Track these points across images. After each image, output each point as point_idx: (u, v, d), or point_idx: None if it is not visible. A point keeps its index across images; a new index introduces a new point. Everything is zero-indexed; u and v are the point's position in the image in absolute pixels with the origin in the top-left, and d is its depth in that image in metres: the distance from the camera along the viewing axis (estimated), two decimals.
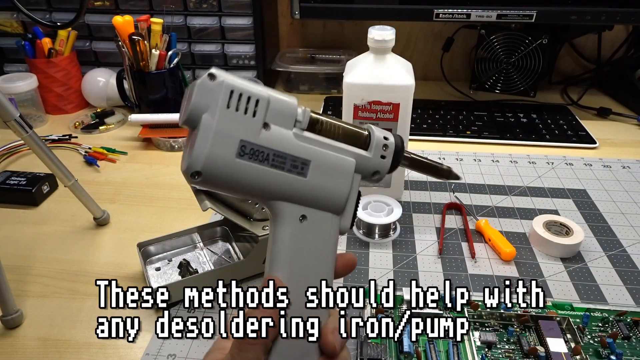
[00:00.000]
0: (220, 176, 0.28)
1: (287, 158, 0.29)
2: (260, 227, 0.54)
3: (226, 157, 0.27)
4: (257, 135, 0.28)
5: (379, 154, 0.32)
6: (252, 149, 0.28)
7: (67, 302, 0.54)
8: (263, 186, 0.29)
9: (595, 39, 1.04)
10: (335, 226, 0.32)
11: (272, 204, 0.30)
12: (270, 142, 0.28)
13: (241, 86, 0.28)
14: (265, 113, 0.28)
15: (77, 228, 0.66)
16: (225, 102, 0.27)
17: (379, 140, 0.32)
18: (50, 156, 0.57)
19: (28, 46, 0.93)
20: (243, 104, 0.28)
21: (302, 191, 0.30)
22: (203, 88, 0.27)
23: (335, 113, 0.96)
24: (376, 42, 0.60)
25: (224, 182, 0.28)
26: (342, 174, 0.31)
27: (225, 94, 0.27)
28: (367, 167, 0.32)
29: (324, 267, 0.32)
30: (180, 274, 0.56)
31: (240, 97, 0.28)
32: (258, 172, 0.28)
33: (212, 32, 0.98)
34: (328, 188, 0.30)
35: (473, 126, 0.90)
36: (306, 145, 0.29)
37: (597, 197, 0.70)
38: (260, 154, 0.28)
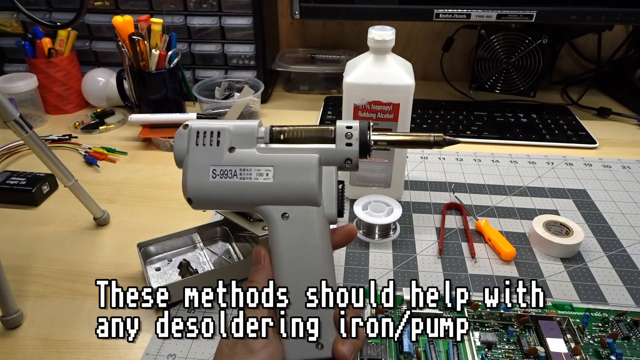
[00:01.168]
0: (206, 197, 0.35)
1: (252, 169, 0.34)
2: (260, 227, 0.54)
3: (203, 181, 0.35)
4: (222, 158, 0.35)
5: (344, 143, 0.35)
6: (221, 169, 0.35)
7: (67, 302, 0.54)
8: (241, 196, 0.34)
9: (595, 39, 1.04)
10: (320, 217, 0.35)
11: (258, 210, 0.35)
12: (234, 160, 0.35)
13: (205, 126, 0.35)
14: (229, 140, 0.35)
15: (77, 228, 0.66)
16: (194, 141, 0.35)
17: (342, 130, 0.35)
18: (50, 156, 0.57)
19: (28, 46, 0.93)
20: (208, 139, 0.35)
21: (273, 192, 0.34)
22: (179, 135, 0.36)
23: (335, 113, 0.96)
24: (376, 42, 0.60)
25: (211, 201, 0.35)
26: (305, 170, 0.34)
27: (193, 135, 0.35)
28: (335, 157, 0.35)
29: (319, 254, 0.34)
30: (180, 274, 0.56)
31: (205, 134, 0.35)
32: (232, 185, 0.34)
33: (212, 32, 0.98)
34: (295, 184, 0.34)
35: (473, 126, 0.90)
36: (268, 154, 0.35)
37: (597, 197, 0.70)
38: (229, 171, 0.34)
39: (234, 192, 0.34)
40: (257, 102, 0.93)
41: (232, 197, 0.34)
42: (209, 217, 0.66)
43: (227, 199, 0.35)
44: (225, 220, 0.58)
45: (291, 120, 0.95)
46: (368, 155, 0.36)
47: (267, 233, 0.53)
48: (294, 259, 0.34)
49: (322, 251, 0.34)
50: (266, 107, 1.02)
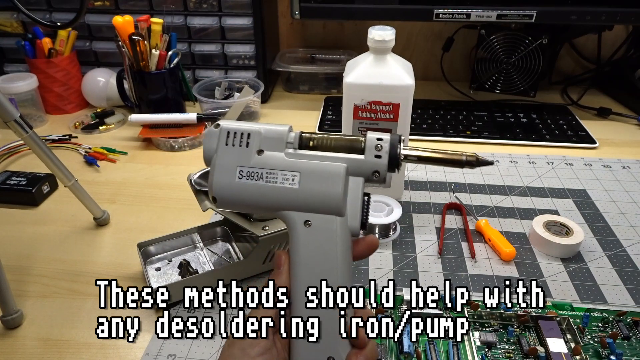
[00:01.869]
0: (230, 197, 0.35)
1: (278, 173, 0.34)
2: (260, 227, 0.54)
3: (229, 181, 0.35)
4: (250, 160, 0.35)
5: (373, 154, 0.34)
6: (247, 171, 0.34)
7: (67, 302, 0.54)
8: (265, 199, 0.34)
9: (595, 39, 1.04)
10: (343, 228, 0.34)
11: (280, 214, 0.35)
12: (261, 163, 0.34)
13: (236, 127, 0.35)
14: (258, 142, 0.35)
15: (77, 228, 0.66)
16: (224, 141, 0.35)
17: (372, 142, 0.35)
18: (50, 156, 0.57)
19: (28, 46, 0.93)
20: (238, 140, 0.35)
21: (297, 198, 0.34)
22: (209, 134, 0.36)
23: (335, 113, 0.96)
24: (376, 42, 0.60)
25: (235, 201, 0.35)
26: (331, 178, 0.34)
27: (224, 135, 0.35)
28: (363, 169, 0.34)
29: (338, 265, 0.34)
30: (180, 274, 0.56)
31: (235, 135, 0.35)
32: (257, 188, 0.34)
33: (212, 32, 0.98)
34: (320, 192, 0.34)
35: (473, 126, 0.90)
36: (296, 160, 0.34)
37: (597, 197, 0.70)
38: (255, 173, 0.34)
39: (258, 194, 0.34)
40: (257, 102, 0.93)
41: (256, 199, 0.34)
42: (209, 217, 0.66)
43: (251, 200, 0.35)
44: (225, 220, 0.58)
45: (291, 120, 0.95)
46: (397, 170, 0.35)
47: (268, 232, 0.53)
48: (312, 267, 0.34)
49: (342, 262, 0.34)
50: (266, 107, 1.02)
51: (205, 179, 0.55)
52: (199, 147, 0.86)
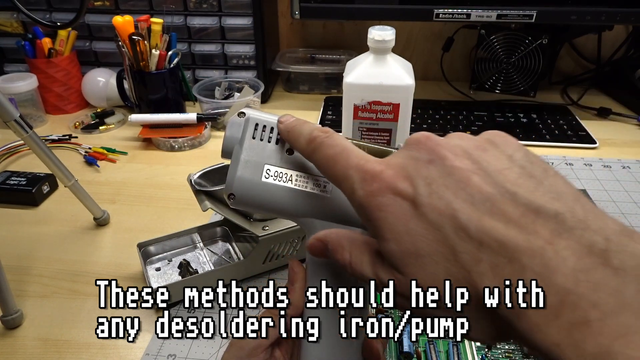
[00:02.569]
0: (252, 196, 0.31)
1: (310, 178, 0.31)
2: (260, 227, 0.54)
3: (253, 180, 0.31)
4: (280, 159, 0.32)
5: None
6: (276, 171, 0.31)
7: (67, 302, 0.54)
8: (290, 203, 0.31)
9: (595, 39, 1.04)
10: None
11: (302, 221, 0.32)
12: (292, 164, 0.32)
13: (265, 119, 0.32)
14: None
15: (77, 228, 0.66)
16: (251, 133, 0.32)
17: None
18: (50, 156, 0.57)
19: (28, 46, 0.93)
20: (267, 134, 0.32)
21: (326, 207, 0.31)
22: (233, 123, 0.32)
23: (335, 113, 0.96)
24: (376, 42, 0.60)
25: (255, 202, 0.32)
26: None
27: (251, 127, 0.32)
28: None
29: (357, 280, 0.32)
30: (180, 274, 0.56)
31: (265, 129, 0.32)
32: (283, 191, 0.31)
33: (212, 32, 0.98)
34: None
35: (473, 126, 0.90)
36: None
37: (597, 197, 0.70)
38: (284, 175, 0.31)
39: (284, 198, 0.31)
40: (257, 102, 0.93)
41: (280, 202, 0.31)
42: (209, 217, 0.66)
43: (274, 203, 0.32)
44: (225, 220, 0.58)
45: None
46: None
47: (268, 232, 0.53)
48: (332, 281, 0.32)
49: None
50: (266, 107, 1.02)
51: (206, 179, 0.55)
52: (199, 147, 0.86)
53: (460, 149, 0.24)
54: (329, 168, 0.27)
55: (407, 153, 0.25)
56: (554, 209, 0.20)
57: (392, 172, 0.24)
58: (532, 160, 0.23)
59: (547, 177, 0.22)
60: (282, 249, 0.56)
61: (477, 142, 0.24)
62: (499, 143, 0.24)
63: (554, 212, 0.20)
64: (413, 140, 0.25)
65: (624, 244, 0.19)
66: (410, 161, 0.24)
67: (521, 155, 0.24)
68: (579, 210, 0.20)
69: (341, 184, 0.26)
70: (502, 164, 0.23)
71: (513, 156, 0.23)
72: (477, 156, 0.23)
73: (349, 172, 0.25)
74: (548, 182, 0.22)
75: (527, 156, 0.24)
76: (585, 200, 0.21)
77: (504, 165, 0.23)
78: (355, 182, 0.25)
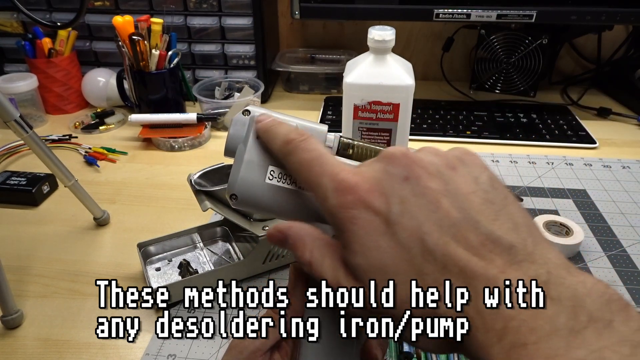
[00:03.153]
0: (254, 197, 0.31)
1: None
2: (260, 227, 0.54)
3: (257, 181, 0.30)
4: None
5: None
6: (280, 173, 0.30)
7: (67, 302, 0.54)
8: (293, 206, 0.31)
9: (595, 39, 1.04)
10: None
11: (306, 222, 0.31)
12: None
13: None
14: None
15: (77, 228, 0.66)
16: (255, 133, 0.31)
17: None
18: (50, 156, 0.57)
19: (28, 46, 0.93)
20: None
21: None
22: (237, 122, 0.31)
23: (335, 113, 0.96)
24: (376, 42, 0.60)
25: (258, 203, 0.31)
26: None
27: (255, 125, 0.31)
28: None
29: None
30: (180, 274, 0.56)
31: None
32: (287, 193, 0.30)
33: (212, 32, 0.98)
34: None
35: (473, 126, 0.90)
36: None
37: (597, 197, 0.70)
38: (288, 177, 0.31)
39: (287, 200, 0.31)
40: (257, 102, 0.93)
41: (283, 204, 0.31)
42: (209, 217, 0.66)
43: (277, 205, 0.31)
44: (225, 220, 0.58)
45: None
46: None
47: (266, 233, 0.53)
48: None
49: None
50: (266, 107, 1.01)
51: (206, 179, 0.55)
52: (199, 147, 0.86)
53: (433, 167, 0.25)
54: (302, 173, 0.27)
55: (382, 167, 0.25)
56: (509, 241, 0.23)
57: (367, 185, 0.24)
58: (494, 185, 0.25)
59: (506, 205, 0.24)
60: (282, 249, 0.55)
61: (448, 160, 0.26)
62: (468, 163, 0.26)
63: (509, 243, 0.23)
64: (389, 154, 0.25)
65: (562, 276, 0.22)
66: (386, 176, 0.25)
67: (486, 178, 0.25)
68: (530, 243, 0.23)
69: (314, 190, 0.26)
70: (469, 187, 0.24)
71: (479, 178, 0.25)
72: (447, 177, 0.24)
73: (323, 180, 0.25)
74: (507, 211, 0.24)
75: (491, 180, 0.25)
76: (536, 230, 0.24)
77: (470, 189, 0.24)
78: (329, 191, 0.25)
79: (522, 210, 0.25)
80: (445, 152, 0.26)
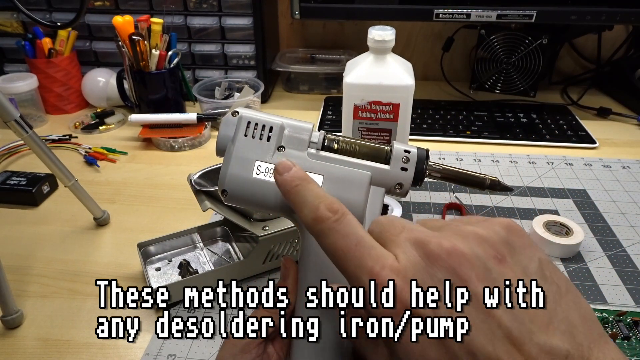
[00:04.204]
0: (243, 192, 0.33)
1: None
2: (260, 227, 0.54)
3: (245, 176, 0.32)
4: (270, 156, 0.33)
5: (399, 166, 0.33)
6: (266, 167, 0.32)
7: (67, 302, 0.54)
8: (281, 199, 0.31)
9: (595, 39, 1.04)
10: None
11: (293, 217, 0.33)
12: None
13: (257, 117, 0.33)
14: (280, 138, 0.33)
15: (77, 228, 0.66)
16: (243, 131, 0.33)
17: (399, 153, 0.34)
18: (50, 156, 0.57)
19: (28, 46, 0.93)
20: (259, 132, 0.33)
21: None
22: (227, 122, 0.33)
23: (335, 113, 0.96)
24: (376, 42, 0.60)
25: (247, 197, 0.33)
26: (355, 186, 0.33)
27: (243, 125, 0.33)
28: (386, 180, 0.33)
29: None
30: (180, 274, 0.56)
31: (257, 126, 0.33)
32: (274, 186, 0.31)
33: (212, 32, 0.98)
34: (342, 199, 0.32)
35: (473, 126, 0.90)
36: (319, 162, 0.33)
37: (597, 197, 0.70)
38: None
39: (275, 193, 0.32)
40: (257, 102, 0.93)
41: (271, 198, 0.32)
42: (209, 217, 0.66)
43: (265, 199, 0.33)
44: (225, 220, 0.58)
45: None
46: (420, 184, 0.34)
47: (268, 232, 0.53)
48: (323, 274, 0.32)
49: None
50: (266, 107, 1.02)
51: (206, 179, 0.55)
52: (199, 147, 0.86)
53: (480, 263, 0.24)
54: (338, 259, 0.26)
55: (425, 268, 0.24)
56: (565, 349, 0.22)
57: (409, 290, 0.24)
58: (545, 273, 0.24)
59: (560, 298, 0.23)
60: (282, 249, 0.56)
61: (495, 250, 0.24)
62: (516, 247, 0.25)
63: (565, 352, 0.22)
64: (432, 253, 0.24)
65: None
66: (430, 280, 0.24)
67: (536, 267, 0.24)
68: (586, 348, 0.22)
69: (350, 281, 0.25)
70: (520, 287, 0.24)
71: (528, 268, 0.24)
72: (496, 274, 0.24)
73: (362, 277, 0.25)
74: (561, 309, 0.23)
75: (542, 268, 0.24)
76: (593, 325, 0.23)
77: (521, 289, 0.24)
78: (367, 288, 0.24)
79: (576, 298, 0.24)
80: (490, 235, 0.25)
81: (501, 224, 0.26)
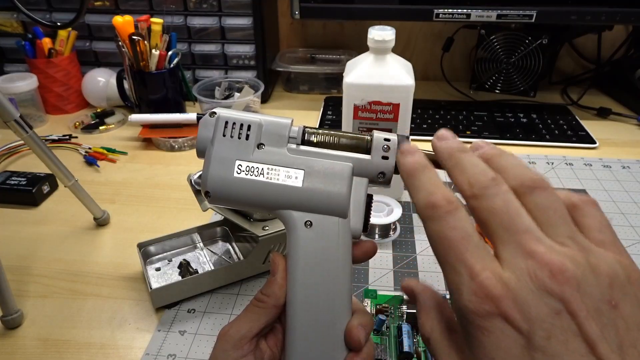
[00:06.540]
0: (226, 192, 0.33)
1: (280, 170, 0.32)
2: (260, 227, 0.54)
3: (226, 176, 0.32)
4: (250, 155, 0.33)
5: (380, 155, 0.33)
6: (247, 166, 0.32)
7: (67, 302, 0.54)
8: (264, 197, 0.32)
9: (595, 39, 1.04)
10: (345, 230, 0.33)
11: (279, 213, 0.33)
12: (262, 158, 0.33)
13: (235, 117, 0.33)
14: (259, 135, 0.33)
15: (77, 228, 0.66)
16: (221, 131, 0.33)
17: (379, 142, 0.33)
18: (50, 156, 0.57)
19: (28, 46, 0.93)
20: (237, 131, 0.33)
21: (299, 198, 0.32)
22: (205, 123, 0.33)
23: (335, 113, 0.96)
24: (376, 42, 0.60)
25: (231, 197, 0.33)
26: (337, 179, 0.33)
27: (221, 125, 0.33)
28: (368, 170, 0.33)
29: (339, 269, 0.33)
30: (180, 274, 0.56)
31: (234, 126, 0.33)
32: (256, 184, 0.32)
33: (212, 32, 0.98)
34: (324, 192, 0.32)
35: (473, 126, 0.90)
36: (300, 157, 0.33)
37: (597, 197, 0.70)
38: (256, 169, 0.32)
39: (257, 191, 0.32)
40: (257, 102, 0.93)
41: (255, 196, 0.33)
42: (209, 217, 0.66)
43: (249, 197, 0.33)
44: (225, 220, 0.58)
45: None
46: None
47: (268, 232, 0.53)
48: (312, 269, 0.32)
49: (343, 266, 0.33)
50: (266, 107, 1.02)
51: None
52: None
53: (592, 302, 0.22)
54: (440, 247, 0.25)
55: (531, 284, 0.23)
56: None
57: (511, 304, 0.22)
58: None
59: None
60: (282, 249, 0.56)
61: (611, 292, 0.22)
62: (628, 291, 0.23)
63: None
64: (545, 266, 0.23)
65: None
66: (535, 300, 0.22)
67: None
68: None
69: (446, 270, 0.25)
70: (630, 337, 0.22)
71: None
72: (607, 319, 0.22)
73: (461, 270, 0.24)
74: None
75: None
76: None
77: (631, 339, 0.22)
78: (465, 286, 0.24)
79: None
80: (606, 269, 0.23)
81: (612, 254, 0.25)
